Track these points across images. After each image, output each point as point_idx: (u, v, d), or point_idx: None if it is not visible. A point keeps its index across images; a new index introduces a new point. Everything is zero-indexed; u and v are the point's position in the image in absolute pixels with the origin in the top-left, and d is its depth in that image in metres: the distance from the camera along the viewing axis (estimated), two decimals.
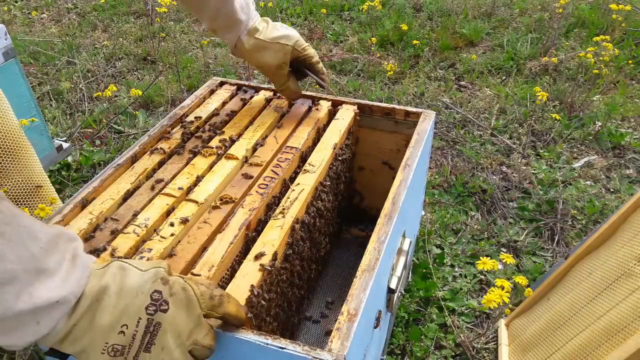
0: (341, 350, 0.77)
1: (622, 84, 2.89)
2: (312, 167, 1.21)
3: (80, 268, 0.68)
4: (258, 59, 1.31)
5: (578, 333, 1.17)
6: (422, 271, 1.76)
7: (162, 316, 0.69)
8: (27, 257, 0.62)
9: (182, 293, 0.72)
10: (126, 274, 0.71)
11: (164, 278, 0.72)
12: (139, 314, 0.69)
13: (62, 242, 0.68)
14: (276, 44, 1.29)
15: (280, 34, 1.29)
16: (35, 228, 0.65)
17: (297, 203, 1.10)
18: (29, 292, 0.61)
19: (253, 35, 1.29)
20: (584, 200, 2.11)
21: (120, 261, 0.73)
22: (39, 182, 1.58)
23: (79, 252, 0.70)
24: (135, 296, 0.69)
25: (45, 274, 0.63)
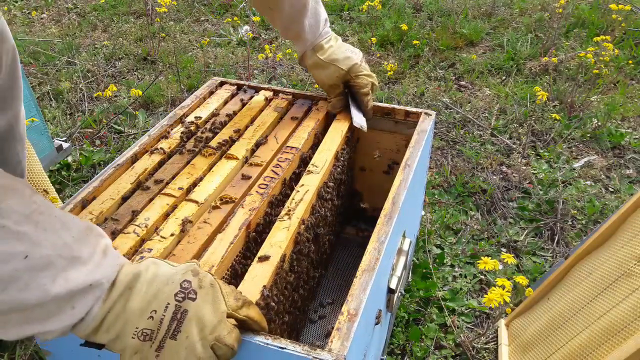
0: (341, 350, 0.77)
1: (622, 84, 2.89)
2: (316, 168, 1.21)
3: (112, 258, 0.72)
4: (315, 75, 1.42)
5: (578, 333, 1.17)
6: (422, 271, 1.76)
7: (189, 304, 0.71)
8: (60, 244, 0.65)
9: (210, 288, 0.74)
10: (159, 266, 0.74)
11: (195, 270, 0.75)
12: (168, 299, 0.71)
13: (93, 236, 0.71)
14: (332, 65, 1.36)
15: (339, 56, 1.36)
16: (67, 219, 0.68)
17: (302, 204, 1.09)
18: (64, 276, 0.64)
19: (316, 53, 1.37)
20: (584, 200, 2.11)
21: (154, 258, 0.77)
22: (44, 186, 1.59)
23: (109, 248, 0.73)
24: (166, 284, 0.72)
25: (79, 261, 0.67)
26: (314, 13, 1.35)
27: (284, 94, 1.51)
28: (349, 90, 1.42)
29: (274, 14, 1.36)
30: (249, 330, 0.79)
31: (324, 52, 1.37)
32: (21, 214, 0.63)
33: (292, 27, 1.35)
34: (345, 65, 1.36)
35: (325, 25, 1.38)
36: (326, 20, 1.39)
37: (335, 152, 1.29)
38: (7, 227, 0.61)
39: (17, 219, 0.62)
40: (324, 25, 1.38)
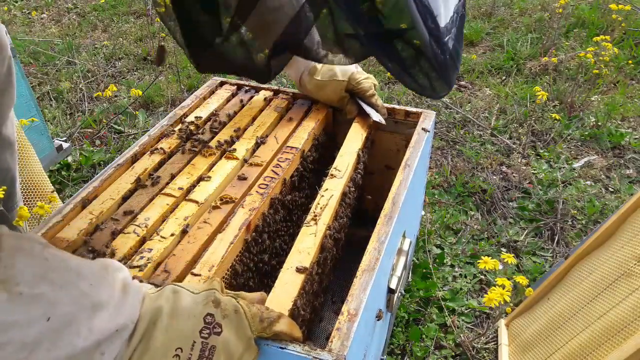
0: (341, 350, 0.77)
1: (622, 84, 2.89)
2: (339, 172, 1.20)
3: (133, 294, 0.71)
4: (320, 95, 1.42)
5: (578, 333, 1.17)
6: (422, 271, 1.76)
7: (216, 339, 0.71)
8: (79, 296, 0.65)
9: (235, 315, 0.73)
10: (179, 297, 0.73)
11: (216, 300, 0.73)
12: (193, 337, 0.70)
13: (109, 275, 0.70)
14: (333, 81, 1.36)
15: (335, 70, 1.36)
16: (82, 267, 0.68)
17: (327, 209, 1.08)
18: (89, 327, 0.64)
19: (313, 75, 1.37)
20: (584, 200, 2.11)
21: (173, 285, 0.75)
22: (44, 186, 1.58)
23: (128, 281, 0.72)
24: (188, 319, 0.71)
25: (100, 307, 0.66)
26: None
27: (284, 94, 1.51)
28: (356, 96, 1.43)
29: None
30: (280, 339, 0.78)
31: (319, 72, 1.37)
32: (35, 274, 0.62)
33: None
34: (344, 76, 1.36)
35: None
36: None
37: (357, 156, 1.28)
38: (23, 294, 0.60)
39: (31, 281, 0.62)
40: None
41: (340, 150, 1.28)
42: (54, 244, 0.97)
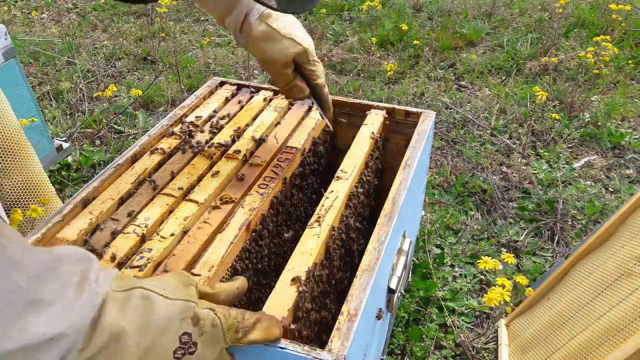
0: (341, 350, 0.77)
1: (622, 84, 2.89)
2: (345, 174, 1.19)
3: (88, 296, 0.60)
4: (264, 50, 1.09)
5: (578, 333, 1.17)
6: (422, 271, 1.76)
7: (189, 358, 0.65)
8: (8, 290, 0.54)
9: (211, 330, 0.67)
10: (152, 307, 0.64)
11: (195, 317, 0.66)
12: (166, 357, 0.64)
13: (65, 267, 0.60)
14: (290, 39, 1.08)
15: (298, 31, 1.10)
16: (23, 256, 0.57)
17: (332, 211, 1.08)
18: (20, 327, 0.54)
19: (266, 20, 1.06)
20: (584, 200, 2.11)
21: (143, 289, 0.65)
22: (44, 186, 1.58)
23: (88, 276, 0.61)
24: (162, 334, 0.64)
25: (39, 305, 0.55)
26: None
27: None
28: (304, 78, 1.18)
29: None
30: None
31: (274, 19, 1.07)
32: None
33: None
34: (306, 43, 1.10)
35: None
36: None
37: (365, 157, 1.27)
38: None
39: None
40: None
41: (348, 152, 1.27)
42: (54, 244, 0.97)
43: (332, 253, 1.05)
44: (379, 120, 1.40)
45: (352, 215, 1.18)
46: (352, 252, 1.22)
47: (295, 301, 0.88)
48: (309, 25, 3.77)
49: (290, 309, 0.86)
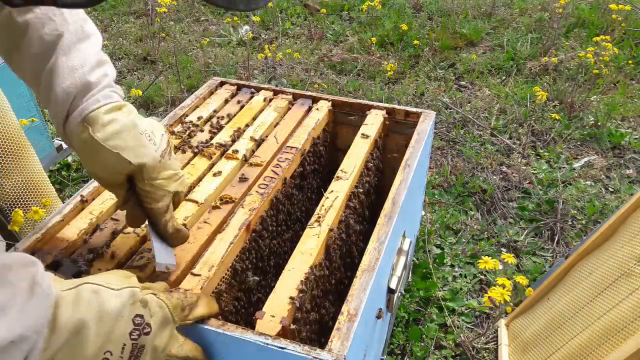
0: (341, 350, 0.77)
1: (622, 84, 2.89)
2: (345, 174, 1.19)
3: (40, 297, 0.62)
4: (86, 164, 0.86)
5: (578, 333, 1.17)
6: (422, 271, 1.76)
7: (145, 339, 0.71)
8: None
9: (160, 312, 0.73)
10: (102, 298, 0.68)
11: (143, 300, 0.72)
12: (123, 339, 0.69)
13: (14, 273, 0.61)
14: (115, 154, 0.81)
15: (128, 142, 0.82)
16: None
17: (332, 211, 1.08)
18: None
19: (90, 126, 0.81)
20: (584, 200, 2.11)
21: (89, 284, 0.69)
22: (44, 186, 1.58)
23: (37, 279, 0.63)
24: (116, 321, 0.68)
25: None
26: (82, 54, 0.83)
27: (284, 94, 1.51)
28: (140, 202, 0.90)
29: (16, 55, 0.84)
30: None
31: (100, 127, 0.81)
32: None
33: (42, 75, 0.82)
34: (137, 158, 0.82)
35: (104, 78, 0.84)
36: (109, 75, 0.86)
37: (365, 157, 1.27)
38: None
39: None
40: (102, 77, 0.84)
41: (348, 152, 1.27)
42: (54, 244, 0.97)
43: (332, 253, 1.05)
44: (379, 120, 1.40)
45: (352, 215, 1.18)
46: (352, 252, 1.22)
47: (295, 301, 0.88)
48: (309, 25, 3.77)
49: (290, 309, 0.86)
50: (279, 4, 4.09)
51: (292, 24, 3.86)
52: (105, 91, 0.83)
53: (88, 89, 0.82)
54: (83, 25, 0.84)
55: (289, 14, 4.01)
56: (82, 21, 0.84)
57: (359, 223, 1.27)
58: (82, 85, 0.81)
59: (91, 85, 0.82)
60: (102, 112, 0.81)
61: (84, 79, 0.81)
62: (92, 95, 0.82)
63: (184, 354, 0.76)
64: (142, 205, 0.88)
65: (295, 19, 3.95)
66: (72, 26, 0.82)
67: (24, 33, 0.80)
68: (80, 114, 0.81)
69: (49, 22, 0.80)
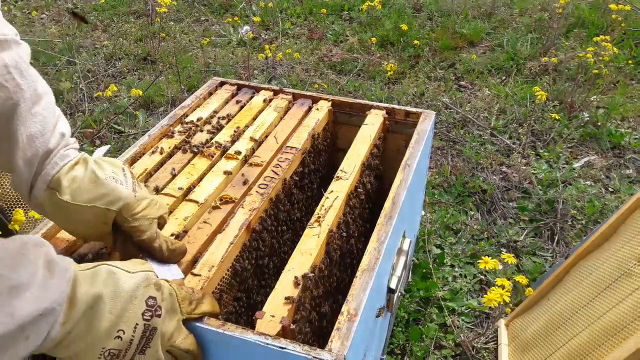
0: (341, 350, 0.77)
1: (622, 84, 2.89)
2: (345, 174, 1.20)
3: (59, 273, 0.65)
4: (65, 224, 0.88)
5: (578, 333, 1.17)
6: (422, 271, 1.76)
7: (157, 321, 0.73)
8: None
9: (169, 299, 0.76)
10: (117, 278, 0.71)
11: (157, 283, 0.75)
12: (136, 319, 0.71)
13: (30, 252, 0.63)
14: (90, 207, 0.83)
15: (100, 190, 0.84)
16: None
17: (332, 211, 1.08)
18: (9, 312, 0.59)
19: (55, 192, 0.82)
20: (584, 200, 2.11)
21: (107, 265, 0.72)
22: None
23: (52, 256, 0.66)
24: (130, 301, 0.71)
25: (20, 288, 0.60)
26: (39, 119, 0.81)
27: (284, 94, 1.51)
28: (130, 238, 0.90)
29: None
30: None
31: (66, 188, 0.82)
32: None
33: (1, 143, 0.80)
34: (114, 204, 0.84)
35: (61, 139, 0.84)
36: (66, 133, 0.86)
37: (365, 157, 1.27)
38: None
39: None
40: (60, 139, 0.84)
41: (348, 152, 1.27)
42: (54, 244, 0.97)
43: (332, 253, 1.05)
44: (379, 120, 1.40)
45: (352, 215, 1.18)
46: (352, 252, 1.22)
47: (295, 301, 0.88)
48: (309, 25, 3.77)
49: (290, 309, 0.86)
50: (279, 4, 4.09)
51: (292, 24, 3.86)
52: (60, 152, 0.83)
53: (48, 155, 0.82)
54: (36, 87, 0.81)
55: (289, 14, 4.01)
56: (35, 82, 0.81)
57: (359, 223, 1.27)
58: (43, 154, 0.81)
59: (51, 152, 0.82)
60: (63, 174, 0.82)
61: (45, 147, 0.81)
62: (50, 159, 0.82)
63: (186, 347, 0.77)
64: (132, 240, 0.88)
65: (295, 18, 3.95)
66: (27, 92, 0.79)
67: None
68: (45, 182, 0.82)
69: (2, 89, 0.76)
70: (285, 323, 0.82)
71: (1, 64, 0.75)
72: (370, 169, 1.31)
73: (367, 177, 1.28)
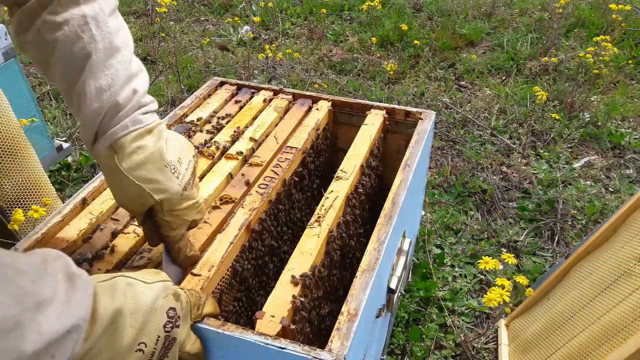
0: (341, 350, 0.77)
1: (622, 84, 2.89)
2: (345, 174, 1.19)
3: (81, 288, 0.64)
4: (109, 183, 0.87)
5: (578, 333, 1.17)
6: (422, 271, 1.76)
7: (176, 332, 0.73)
8: (21, 294, 0.57)
9: (186, 307, 0.76)
10: (137, 291, 0.70)
11: (176, 293, 0.75)
12: (157, 332, 0.71)
13: (50, 265, 0.63)
14: (138, 186, 0.82)
15: (152, 174, 0.83)
16: (19, 262, 0.60)
17: (332, 211, 1.08)
18: (36, 330, 0.57)
19: (117, 152, 0.81)
20: (584, 200, 2.11)
21: (124, 277, 0.71)
22: (44, 186, 1.57)
23: (72, 269, 0.65)
24: (151, 313, 0.70)
25: (45, 304, 0.59)
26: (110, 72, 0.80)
27: (284, 94, 1.51)
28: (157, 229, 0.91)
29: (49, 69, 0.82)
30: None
31: (127, 156, 0.81)
32: None
33: (72, 93, 0.80)
34: (158, 194, 0.84)
35: (134, 96, 0.83)
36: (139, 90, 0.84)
37: (365, 157, 1.27)
38: None
39: None
40: (131, 95, 0.82)
41: (348, 152, 1.27)
42: (54, 244, 0.97)
43: (332, 253, 1.05)
44: (379, 120, 1.40)
45: (352, 215, 1.18)
46: (352, 252, 1.22)
47: (295, 301, 0.88)
48: (309, 25, 3.77)
49: (290, 309, 0.86)
50: (279, 4, 4.09)
51: (292, 24, 3.86)
52: (134, 115, 0.82)
53: (116, 109, 0.80)
54: (113, 39, 0.80)
55: (289, 14, 4.01)
56: (112, 35, 0.80)
57: (359, 223, 1.27)
58: (110, 106, 0.80)
59: (119, 106, 0.80)
60: (129, 140, 0.81)
61: (112, 100, 0.79)
62: (120, 118, 0.81)
63: (195, 351, 0.78)
64: (158, 230, 0.89)
65: (295, 18, 3.95)
66: (101, 44, 0.78)
67: (52, 51, 0.78)
68: (109, 139, 0.81)
69: (77, 40, 0.77)
70: (285, 323, 0.82)
71: (79, 15, 0.76)
72: (370, 169, 1.31)
73: (367, 177, 1.28)
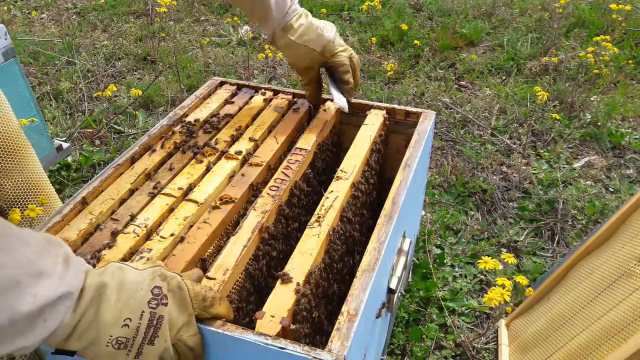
0: (341, 350, 0.77)
1: (622, 84, 2.88)
2: (345, 174, 1.19)
3: (75, 266, 0.71)
4: (287, 56, 1.35)
5: (578, 333, 1.17)
6: (422, 271, 1.76)
7: (163, 309, 0.74)
8: (24, 261, 0.65)
9: (178, 291, 0.76)
10: (124, 272, 0.75)
11: (163, 274, 0.77)
12: (142, 307, 0.72)
13: (52, 247, 0.70)
14: (304, 47, 1.29)
15: (311, 36, 1.28)
16: (25, 235, 0.68)
17: (332, 211, 1.08)
18: (33, 293, 0.64)
19: (286, 33, 1.29)
20: (584, 200, 2.11)
21: (117, 262, 0.77)
22: (44, 186, 1.57)
23: (70, 254, 0.73)
24: (136, 291, 0.73)
25: (44, 275, 0.66)
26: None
27: (284, 94, 1.51)
28: (327, 70, 1.37)
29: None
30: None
31: (294, 31, 1.28)
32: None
33: (257, 6, 1.27)
34: (318, 46, 1.29)
35: (292, 1, 1.30)
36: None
37: (365, 157, 1.27)
38: None
39: None
40: (291, 2, 1.29)
41: (348, 152, 1.27)
42: None
43: (332, 253, 1.05)
44: (379, 120, 1.40)
45: (352, 215, 1.18)
46: (352, 252, 1.22)
47: (295, 302, 0.88)
48: None
49: (290, 309, 0.85)
50: None
51: None
52: (292, 7, 1.28)
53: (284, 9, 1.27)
54: None
55: None
56: None
57: (359, 223, 1.27)
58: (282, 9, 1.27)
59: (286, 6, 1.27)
60: (294, 20, 1.28)
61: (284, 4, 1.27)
62: (286, 13, 1.28)
63: (192, 344, 0.77)
64: (332, 73, 1.36)
65: None
66: None
67: None
68: (284, 25, 1.28)
69: None
70: (285, 323, 0.82)
71: None
72: (370, 169, 1.31)
73: (367, 177, 1.28)
